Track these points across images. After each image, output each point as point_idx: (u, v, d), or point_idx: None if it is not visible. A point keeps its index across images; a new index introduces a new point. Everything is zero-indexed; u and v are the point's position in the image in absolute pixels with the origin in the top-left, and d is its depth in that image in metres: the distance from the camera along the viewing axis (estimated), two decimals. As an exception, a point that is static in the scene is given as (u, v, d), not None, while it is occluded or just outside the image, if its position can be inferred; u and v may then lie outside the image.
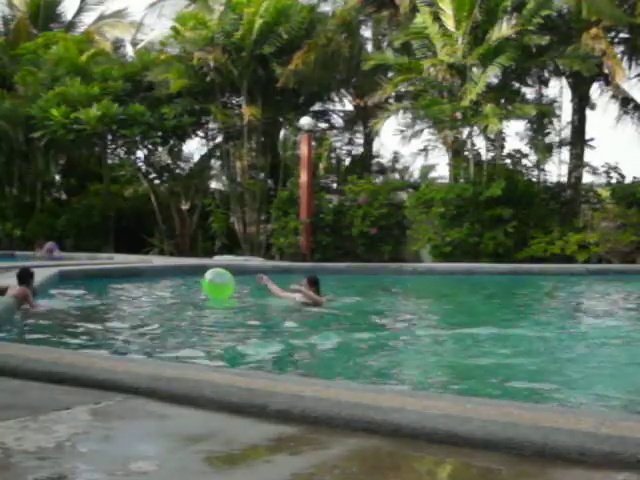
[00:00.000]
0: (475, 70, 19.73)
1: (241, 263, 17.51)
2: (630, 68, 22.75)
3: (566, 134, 22.50)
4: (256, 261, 19.56)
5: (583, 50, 19.48)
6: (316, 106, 26.24)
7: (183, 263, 17.80)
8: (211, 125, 25.42)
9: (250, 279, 12.27)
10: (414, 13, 20.71)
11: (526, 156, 22.11)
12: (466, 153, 21.15)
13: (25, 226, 26.38)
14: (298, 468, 2.74)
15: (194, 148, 27.18)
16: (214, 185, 28.19)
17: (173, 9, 25.91)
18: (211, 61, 22.19)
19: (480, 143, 21.33)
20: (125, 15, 30.82)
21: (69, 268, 14.42)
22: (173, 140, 25.40)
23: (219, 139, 25.48)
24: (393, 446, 2.98)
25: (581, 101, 22.03)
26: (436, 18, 19.99)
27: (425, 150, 26.08)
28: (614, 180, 21.84)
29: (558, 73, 22.28)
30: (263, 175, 24.67)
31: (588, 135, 22.46)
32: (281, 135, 25.74)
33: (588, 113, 22.32)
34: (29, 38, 27.22)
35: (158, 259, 20.09)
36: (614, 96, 23.48)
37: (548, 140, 22.27)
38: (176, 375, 3.92)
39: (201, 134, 25.92)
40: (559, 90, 22.64)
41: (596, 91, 23.03)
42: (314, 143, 22.82)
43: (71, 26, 30.53)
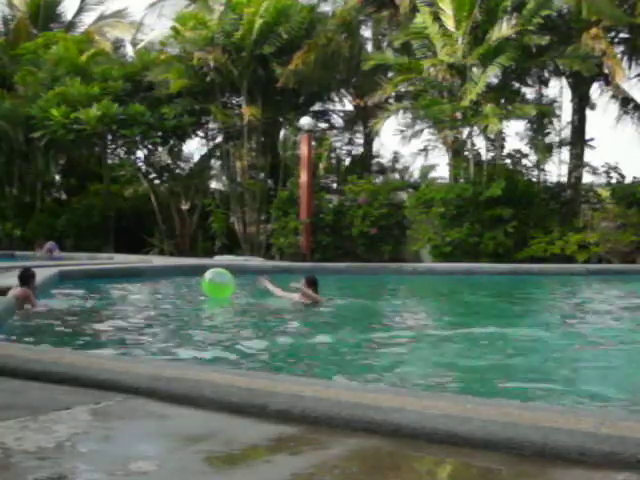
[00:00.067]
0: (475, 70, 19.74)
1: (241, 263, 17.51)
2: (630, 68, 22.76)
3: (566, 134, 22.52)
4: (256, 261, 19.56)
5: (583, 50, 19.48)
6: (316, 106, 26.25)
7: (183, 263, 17.79)
8: (211, 125, 25.43)
9: (250, 279, 12.28)
10: (414, 13, 20.71)
11: (526, 156, 22.12)
12: (466, 153, 21.16)
13: (25, 226, 26.39)
14: (298, 468, 2.74)
15: (194, 148, 27.25)
16: (214, 185, 28.22)
17: (173, 9, 25.95)
18: (211, 61, 22.20)
19: (480, 143, 21.36)
20: (125, 15, 30.84)
21: (69, 268, 14.42)
22: (173, 140, 25.40)
23: (219, 139, 25.50)
24: (393, 446, 2.98)
25: (581, 101, 22.04)
26: (436, 18, 20.00)
27: (425, 150, 26.11)
28: (614, 180, 21.85)
29: (558, 73, 22.29)
30: (263, 175, 24.68)
31: (588, 135, 22.49)
32: (281, 135, 25.75)
33: (588, 113, 22.34)
34: (29, 38, 27.23)
35: (158, 259, 20.09)
36: (614, 96, 23.49)
37: (548, 140, 22.28)
38: (176, 375, 3.92)
39: (201, 134, 25.94)
40: (559, 90, 22.68)
41: (596, 91, 23.08)
42: (314, 143, 22.82)
43: (71, 26, 30.53)
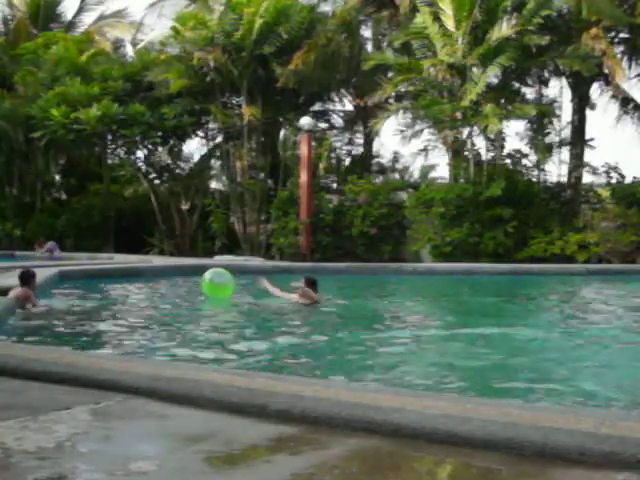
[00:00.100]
0: (475, 70, 19.74)
1: (241, 263, 17.51)
2: (630, 68, 22.76)
3: (566, 134, 22.52)
4: (256, 261, 19.56)
5: (583, 50, 19.48)
6: (316, 106, 26.26)
7: (183, 263, 17.79)
8: (211, 125, 25.44)
9: (250, 279, 12.28)
10: (414, 13, 20.71)
11: (526, 156, 22.12)
12: (466, 153, 21.16)
13: (25, 226, 26.40)
14: (298, 468, 2.74)
15: (194, 148, 27.26)
16: (214, 185, 28.23)
17: (173, 9, 25.96)
18: (211, 61, 22.20)
19: (480, 143, 21.37)
20: (125, 15, 30.85)
21: (69, 268, 14.42)
22: (173, 140, 25.41)
23: (219, 139, 25.50)
24: (393, 446, 2.98)
25: (581, 101, 22.04)
26: (436, 18, 20.00)
27: (425, 150, 26.12)
28: (614, 180, 21.86)
29: (558, 73, 22.29)
30: (263, 175, 24.68)
31: (588, 135, 22.49)
32: (281, 135, 25.75)
33: (588, 113, 22.34)
34: (29, 38, 27.24)
35: (158, 259, 20.09)
36: (614, 96, 23.49)
37: (548, 140, 22.28)
38: (176, 375, 3.92)
39: (201, 134, 25.95)
40: (559, 90, 22.69)
41: (596, 91, 23.08)
42: (314, 143, 22.83)
43: (71, 26, 30.54)
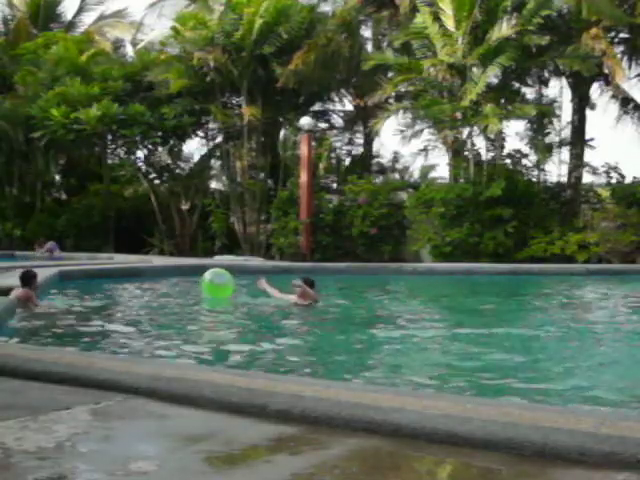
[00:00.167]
0: (475, 70, 19.74)
1: (241, 263, 17.51)
2: (630, 68, 22.77)
3: (566, 134, 22.52)
4: (256, 261, 19.56)
5: (583, 50, 19.49)
6: (316, 106, 26.26)
7: (183, 263, 17.80)
8: (211, 125, 25.44)
9: (250, 279, 12.28)
10: (414, 13, 20.71)
11: (526, 156, 22.12)
12: (466, 153, 21.16)
13: (25, 226, 26.40)
14: (298, 468, 2.74)
15: (194, 148, 27.25)
16: (214, 185, 28.23)
17: (173, 9, 25.96)
18: (211, 61, 22.20)
19: (480, 143, 21.37)
20: (125, 15, 30.84)
21: (69, 268, 14.42)
22: (173, 140, 25.41)
23: (219, 139, 25.50)
24: (393, 446, 2.98)
25: (581, 101, 22.04)
26: (436, 18, 20.00)
27: (425, 150, 26.12)
28: (614, 180, 21.86)
29: (558, 73, 22.29)
30: (263, 175, 24.68)
31: (588, 135, 22.50)
32: (281, 135, 25.75)
33: (588, 113, 22.35)
34: (29, 38, 27.23)
35: (158, 259, 20.09)
36: (614, 96, 23.49)
37: (548, 140, 22.29)
38: (176, 375, 3.92)
39: (201, 134, 25.95)
40: (559, 90, 22.69)
41: (596, 91, 23.09)
42: (314, 143, 22.83)
43: (71, 26, 30.54)
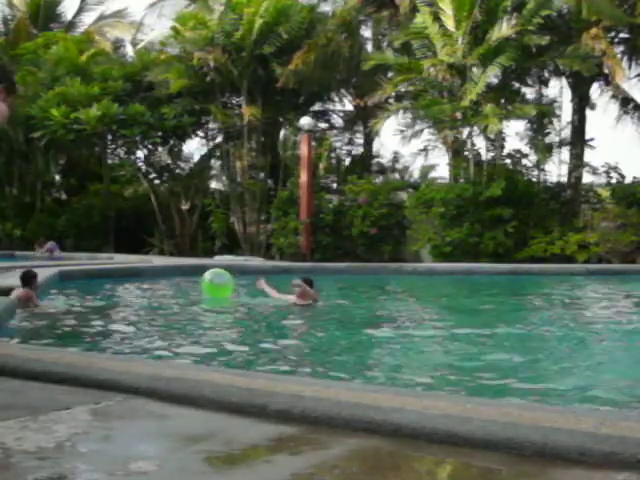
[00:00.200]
0: (475, 70, 19.74)
1: (241, 263, 17.52)
2: (630, 68, 22.77)
3: (566, 134, 22.53)
4: (256, 261, 19.56)
5: (583, 50, 19.49)
6: (316, 106, 26.26)
7: (183, 263, 17.80)
8: (211, 125, 25.44)
9: (250, 279, 12.27)
10: (414, 13, 20.72)
11: (526, 156, 22.12)
12: (466, 153, 21.16)
13: (25, 226, 26.40)
14: (298, 468, 2.74)
15: (194, 148, 27.27)
16: (214, 185, 28.24)
17: (173, 9, 25.97)
18: (211, 61, 22.20)
19: (480, 143, 21.37)
20: (125, 15, 30.84)
21: (69, 268, 14.42)
22: (173, 140, 25.41)
23: (219, 139, 25.50)
24: (393, 446, 2.98)
25: (581, 101, 22.04)
26: (436, 18, 20.01)
27: (425, 150, 26.13)
28: (614, 180, 21.87)
29: (558, 73, 22.29)
30: (263, 175, 24.69)
31: (588, 135, 22.50)
32: (281, 135, 25.75)
33: (588, 113, 22.35)
34: (29, 38, 27.23)
35: (158, 259, 20.09)
36: (614, 96, 23.49)
37: (548, 140, 22.29)
38: (176, 375, 3.92)
39: (201, 134, 25.95)
40: (559, 90, 22.69)
41: (596, 91, 23.09)
42: (314, 143, 22.83)
43: (71, 26, 30.54)
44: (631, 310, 11.55)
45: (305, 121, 22.18)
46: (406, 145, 44.58)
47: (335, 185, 24.27)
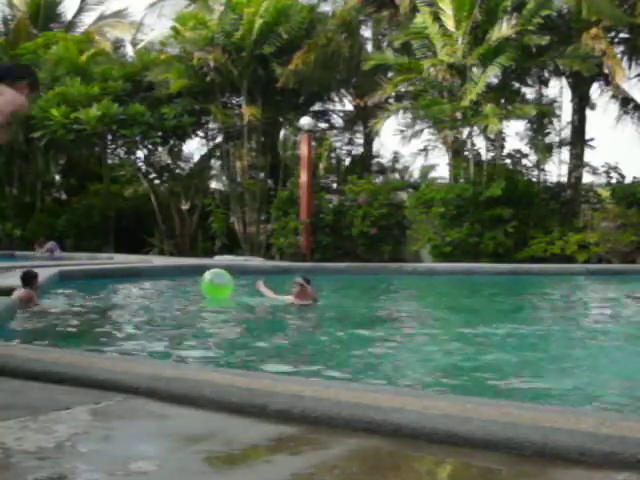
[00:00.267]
0: (475, 70, 19.75)
1: (241, 263, 17.52)
2: (630, 68, 22.78)
3: (566, 134, 22.54)
4: (256, 261, 19.56)
5: (583, 50, 19.50)
6: (316, 106, 26.27)
7: (183, 263, 17.79)
8: (211, 125, 25.45)
9: (250, 279, 12.28)
10: (414, 13, 20.73)
11: (526, 156, 22.14)
12: (466, 153, 21.16)
13: (25, 226, 26.40)
14: (298, 468, 2.74)
15: (194, 148, 27.29)
16: (214, 185, 28.25)
17: (173, 9, 25.98)
18: (211, 61, 22.20)
19: (480, 143, 21.39)
20: (125, 15, 30.85)
21: (69, 268, 14.42)
22: (173, 140, 25.41)
23: (219, 139, 25.51)
24: (393, 446, 2.98)
25: (581, 101, 22.05)
26: (436, 18, 20.01)
27: (425, 150, 26.15)
28: (614, 180, 21.88)
29: (558, 73, 22.30)
30: (263, 175, 24.69)
31: (588, 135, 22.52)
32: (281, 135, 25.76)
33: (588, 113, 22.36)
34: (29, 38, 27.23)
35: (158, 259, 20.09)
36: (614, 96, 23.50)
37: (548, 140, 22.31)
38: (176, 375, 3.92)
39: (201, 134, 25.95)
40: (559, 90, 22.71)
41: (596, 91, 23.11)
42: (314, 143, 22.83)
43: (71, 26, 30.54)
44: (631, 310, 11.55)
45: (305, 121, 22.18)
46: (406, 145, 44.69)
47: (335, 185, 24.27)
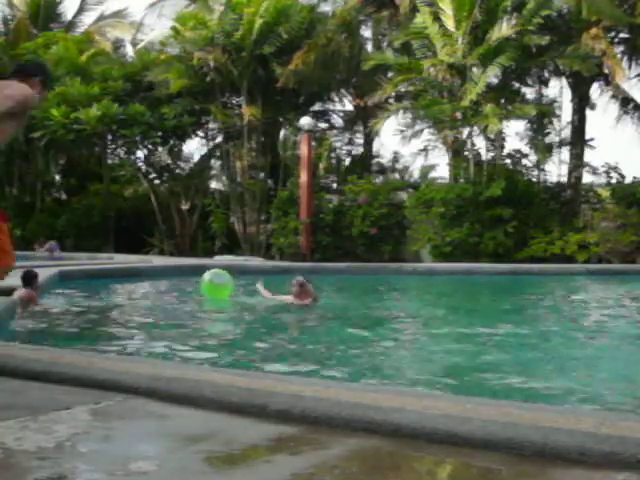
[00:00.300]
0: (475, 70, 19.75)
1: (241, 263, 17.52)
2: (630, 68, 22.79)
3: (566, 134, 22.55)
4: (256, 261, 19.56)
5: (583, 50, 19.50)
6: (316, 106, 26.27)
7: (183, 263, 17.79)
8: (211, 125, 25.45)
9: (250, 279, 12.28)
10: (414, 13, 20.73)
11: (526, 156, 22.14)
12: (466, 153, 21.16)
13: (25, 226, 26.39)
14: (298, 468, 2.74)
15: (194, 148, 27.29)
16: (214, 185, 28.25)
17: (173, 9, 25.99)
18: (211, 61, 22.21)
19: (480, 143, 21.39)
20: (125, 15, 30.83)
21: (69, 268, 14.41)
22: (173, 140, 25.41)
23: (219, 139, 25.51)
24: (393, 446, 2.98)
25: (581, 101, 22.05)
26: (436, 18, 20.02)
27: (425, 150, 26.16)
28: (614, 180, 21.88)
29: (558, 73, 22.31)
30: (263, 175, 24.69)
31: (588, 135, 22.53)
32: (281, 135, 25.76)
33: (588, 113, 22.37)
34: (29, 38, 27.22)
35: (158, 259, 20.09)
36: (614, 96, 23.51)
37: (548, 140, 22.31)
38: (176, 375, 3.92)
39: (201, 134, 25.96)
40: (559, 90, 22.72)
41: (596, 91, 23.11)
42: (314, 143, 22.83)
43: (71, 26, 30.53)
44: (631, 310, 11.55)
45: (305, 121, 22.18)
46: (406, 145, 44.69)
47: (335, 185, 24.27)
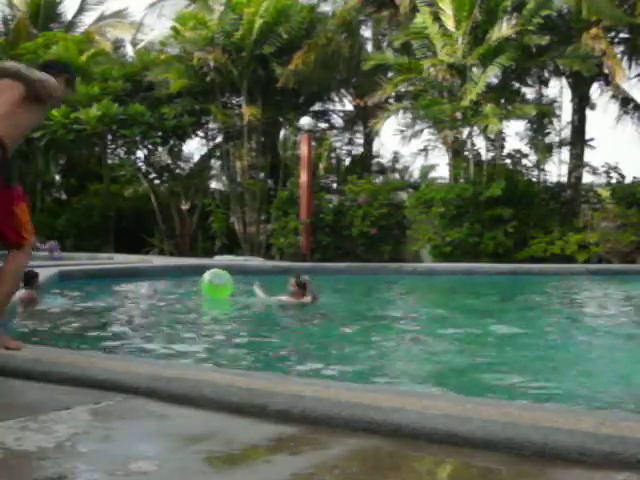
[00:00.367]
0: (475, 70, 19.75)
1: (241, 263, 17.51)
2: (630, 68, 22.79)
3: (566, 134, 22.55)
4: (256, 261, 19.56)
5: (583, 50, 19.50)
6: (316, 106, 26.26)
7: (183, 263, 17.79)
8: (211, 125, 25.43)
9: (250, 279, 12.27)
10: (414, 13, 20.73)
11: (526, 156, 22.14)
12: (466, 153, 21.16)
13: (25, 226, 26.37)
14: (298, 468, 2.74)
15: (194, 148, 27.26)
16: (214, 185, 28.22)
17: (173, 9, 25.96)
18: (211, 61, 22.20)
19: (480, 143, 21.38)
20: (125, 15, 30.80)
21: (69, 268, 14.40)
22: (173, 140, 25.40)
23: (219, 139, 25.50)
24: (393, 446, 2.98)
25: (581, 101, 22.05)
26: (436, 18, 20.01)
27: (425, 150, 26.15)
28: (614, 180, 21.88)
29: (558, 73, 22.31)
30: (263, 175, 24.68)
31: (588, 135, 22.52)
32: (281, 135, 25.74)
33: (588, 113, 22.36)
34: (29, 38, 27.20)
35: (158, 259, 20.08)
36: (614, 96, 23.51)
37: (548, 140, 22.31)
38: (176, 375, 3.92)
39: (201, 134, 25.94)
40: (559, 90, 22.72)
41: (596, 91, 23.11)
42: (314, 143, 22.82)
43: (71, 26, 30.50)
44: (631, 310, 11.55)
45: (305, 121, 22.17)
46: (406, 145, 44.68)
47: (335, 185, 24.26)
